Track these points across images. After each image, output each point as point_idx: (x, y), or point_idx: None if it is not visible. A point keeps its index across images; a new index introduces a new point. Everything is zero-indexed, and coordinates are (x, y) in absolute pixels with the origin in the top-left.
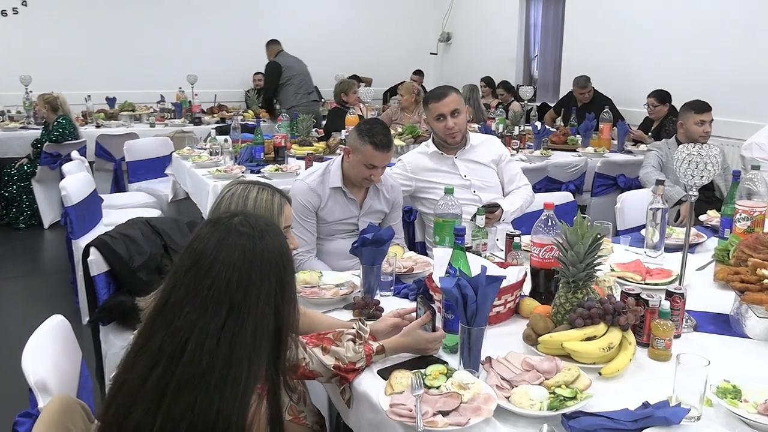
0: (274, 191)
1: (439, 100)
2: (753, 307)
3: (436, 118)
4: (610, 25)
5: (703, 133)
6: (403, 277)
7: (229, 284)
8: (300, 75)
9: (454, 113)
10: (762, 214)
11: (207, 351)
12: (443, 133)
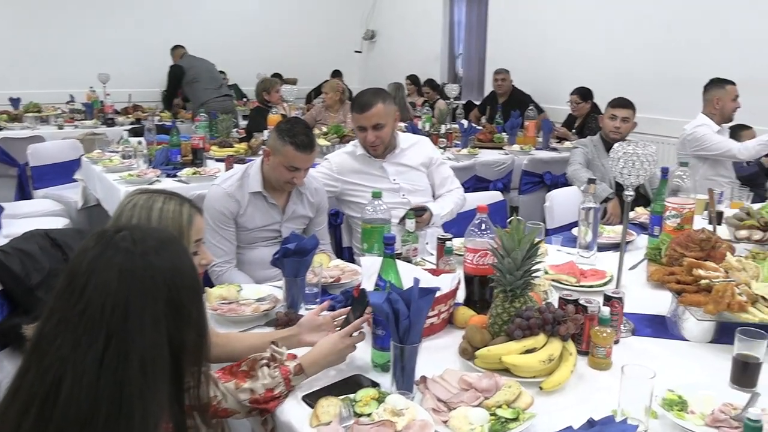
0: (183, 201)
1: (362, 112)
2: (690, 309)
3: (357, 127)
4: (532, 23)
5: (612, 128)
6: (330, 287)
7: (104, 310)
8: (206, 72)
9: (377, 127)
10: (691, 211)
11: (87, 391)
12: (362, 142)
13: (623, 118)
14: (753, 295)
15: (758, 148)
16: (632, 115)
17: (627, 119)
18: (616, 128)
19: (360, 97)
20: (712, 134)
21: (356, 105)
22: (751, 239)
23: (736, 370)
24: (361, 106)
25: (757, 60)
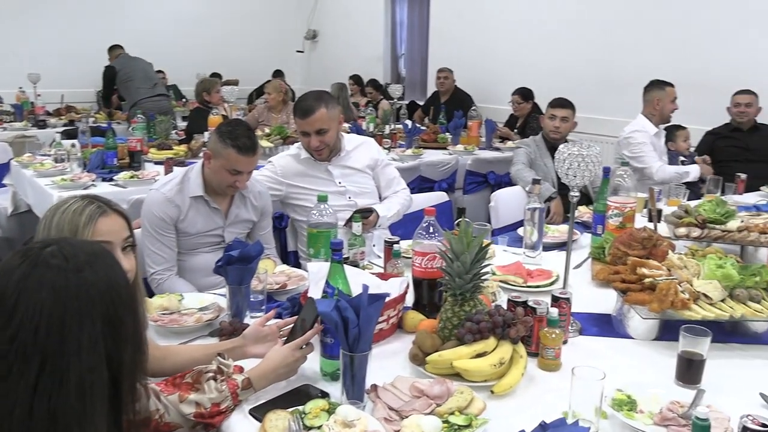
0: (92, 201)
1: (304, 117)
2: (636, 308)
3: (301, 133)
4: (474, 24)
5: (552, 128)
6: (276, 294)
7: (37, 334)
8: (141, 71)
9: (320, 132)
10: (633, 210)
11: (18, 424)
12: (305, 146)
13: (562, 117)
14: (695, 293)
15: (674, 177)
16: (571, 114)
17: (566, 119)
18: (556, 128)
19: (302, 102)
20: (643, 146)
21: (298, 110)
22: (690, 236)
23: (680, 367)
24: (304, 111)
25: (690, 61)
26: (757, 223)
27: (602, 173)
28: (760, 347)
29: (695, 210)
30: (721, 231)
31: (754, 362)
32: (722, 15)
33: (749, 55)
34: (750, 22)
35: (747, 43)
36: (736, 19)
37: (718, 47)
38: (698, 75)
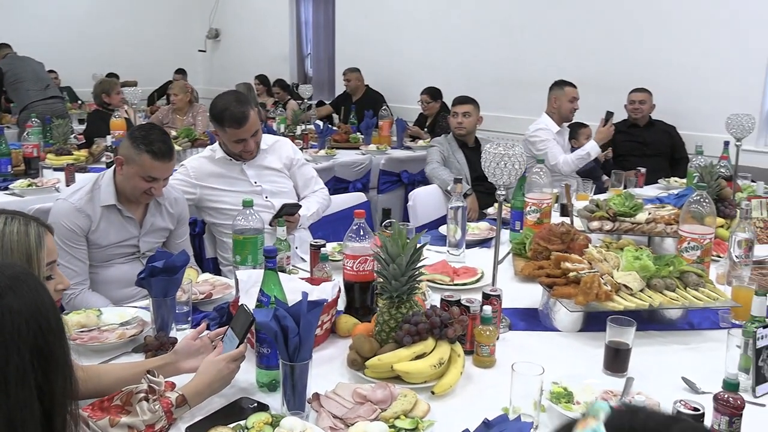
0: (29, 220)
1: (241, 126)
2: (562, 301)
3: (236, 141)
4: (380, 24)
5: (456, 124)
6: (201, 304)
7: None
8: (31, 72)
9: (255, 134)
10: (549, 206)
11: None
12: (239, 152)
13: (464, 113)
14: (616, 284)
15: (577, 162)
16: (473, 109)
17: (468, 113)
18: (459, 124)
19: (228, 111)
20: (546, 142)
21: (231, 120)
22: (603, 230)
23: (608, 356)
24: (239, 119)
25: (590, 61)
26: (663, 215)
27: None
28: (675, 333)
29: (606, 204)
30: (631, 223)
31: (672, 348)
32: (618, 17)
33: (644, 55)
34: (645, 23)
35: (642, 43)
36: (632, 21)
37: (616, 48)
38: (597, 74)
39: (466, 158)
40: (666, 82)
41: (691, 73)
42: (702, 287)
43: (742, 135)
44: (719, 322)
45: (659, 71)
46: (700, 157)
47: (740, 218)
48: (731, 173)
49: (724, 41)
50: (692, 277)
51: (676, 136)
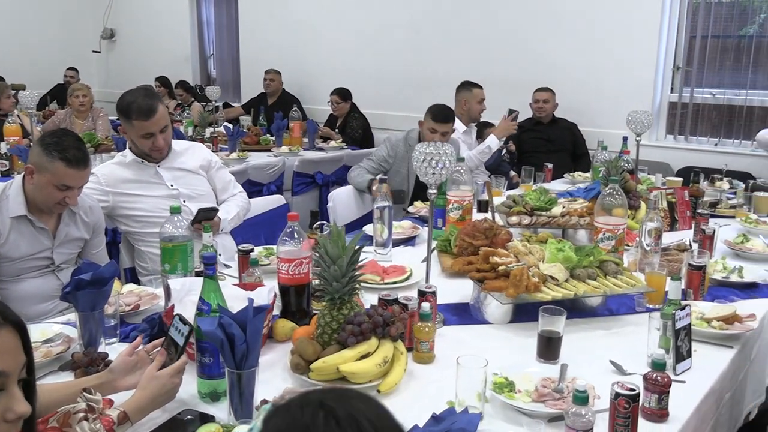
0: None
1: (149, 118)
2: (493, 295)
3: (144, 136)
4: (286, 24)
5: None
6: (128, 316)
7: None
8: None
9: (164, 129)
10: (470, 203)
11: None
12: (148, 150)
13: (442, 133)
14: (543, 276)
15: (479, 156)
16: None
17: (446, 134)
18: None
19: (135, 103)
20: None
21: (138, 112)
22: (521, 224)
23: (541, 345)
24: (147, 111)
25: (495, 62)
26: (576, 208)
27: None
28: (597, 319)
29: (522, 199)
30: (547, 217)
31: (596, 333)
32: (521, 19)
33: (546, 55)
34: (545, 25)
35: (543, 45)
36: (534, 23)
37: (519, 49)
38: (502, 74)
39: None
40: (567, 82)
41: (589, 73)
42: (620, 275)
43: (641, 131)
44: (635, 307)
45: (560, 71)
46: (604, 152)
47: (649, 209)
48: (633, 167)
49: (616, 41)
50: (611, 266)
51: (577, 132)
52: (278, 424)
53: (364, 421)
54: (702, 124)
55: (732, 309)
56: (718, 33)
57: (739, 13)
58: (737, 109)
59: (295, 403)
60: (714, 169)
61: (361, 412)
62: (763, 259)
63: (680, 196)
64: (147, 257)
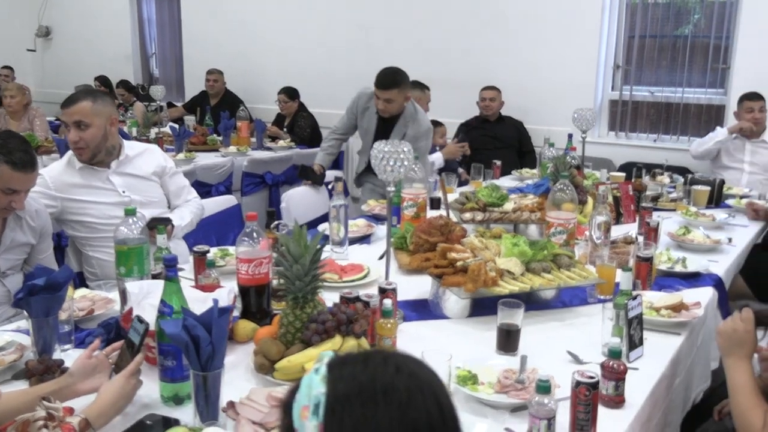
0: None
1: (66, 107)
2: (452, 290)
3: (66, 126)
4: (230, 22)
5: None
6: (82, 322)
7: None
8: None
9: (79, 125)
10: (424, 200)
11: None
12: (70, 143)
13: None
14: (500, 270)
15: (438, 163)
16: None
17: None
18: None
19: (71, 95)
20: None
21: (64, 101)
22: (475, 220)
23: (500, 337)
24: (67, 101)
25: (442, 61)
26: (527, 204)
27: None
28: (551, 311)
29: (474, 196)
30: (500, 213)
31: (551, 325)
32: (466, 19)
33: (491, 54)
34: (489, 25)
35: (489, 44)
36: (478, 23)
37: (465, 48)
38: (449, 73)
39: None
40: (512, 80)
41: (533, 72)
42: (573, 267)
43: (586, 127)
44: (587, 299)
45: (506, 70)
46: (551, 149)
47: (598, 203)
48: (579, 163)
49: (559, 41)
50: (564, 259)
51: (523, 130)
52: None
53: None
54: (641, 121)
55: (679, 298)
56: (655, 33)
57: (675, 13)
58: (674, 107)
59: (360, 355)
60: (654, 164)
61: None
62: (704, 250)
63: (624, 191)
64: (95, 262)
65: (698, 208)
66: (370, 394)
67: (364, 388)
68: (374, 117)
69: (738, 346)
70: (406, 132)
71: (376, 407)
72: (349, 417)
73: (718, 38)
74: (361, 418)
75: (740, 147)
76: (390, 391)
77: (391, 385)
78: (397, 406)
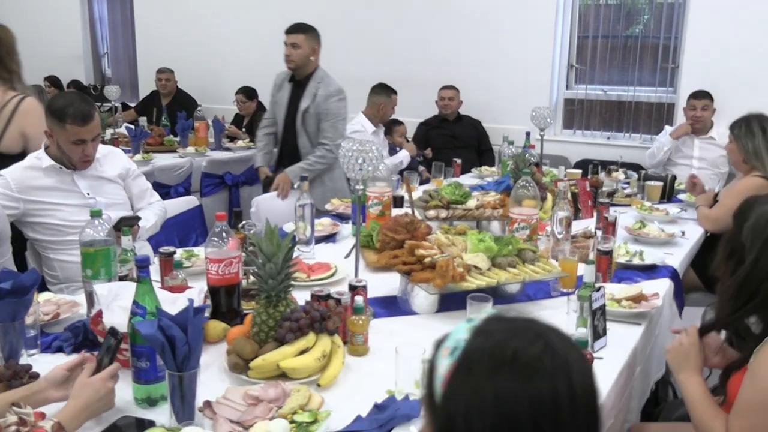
0: None
1: (86, 123)
2: (421, 286)
3: (75, 142)
4: (184, 21)
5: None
6: (48, 326)
7: None
8: None
9: (95, 138)
10: (389, 198)
11: None
12: (77, 157)
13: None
14: (467, 266)
15: (393, 168)
16: None
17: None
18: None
19: (72, 105)
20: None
21: (73, 115)
22: (439, 217)
23: None
24: (83, 117)
25: (402, 60)
26: (489, 201)
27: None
28: (516, 305)
29: (438, 194)
30: (463, 210)
31: None
32: (424, 19)
33: (449, 54)
34: (449, 25)
35: (447, 43)
36: (437, 23)
37: (423, 48)
38: (408, 73)
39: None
40: (470, 80)
41: (491, 72)
42: (537, 262)
43: (544, 126)
44: (551, 292)
45: (464, 70)
46: (511, 147)
47: (558, 199)
48: (538, 160)
49: (515, 41)
50: (529, 254)
51: (481, 129)
52: (491, 326)
53: (561, 359)
54: (595, 119)
55: (638, 289)
56: (606, 33)
57: (625, 14)
58: (626, 105)
59: (512, 319)
60: (608, 161)
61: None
62: (659, 243)
63: (582, 187)
64: (57, 265)
65: (652, 202)
66: (499, 357)
67: (496, 350)
68: (287, 87)
69: (685, 359)
70: (317, 93)
71: (498, 372)
72: (476, 370)
73: (667, 38)
74: (485, 376)
75: (689, 144)
76: (517, 361)
77: (521, 355)
78: (521, 376)
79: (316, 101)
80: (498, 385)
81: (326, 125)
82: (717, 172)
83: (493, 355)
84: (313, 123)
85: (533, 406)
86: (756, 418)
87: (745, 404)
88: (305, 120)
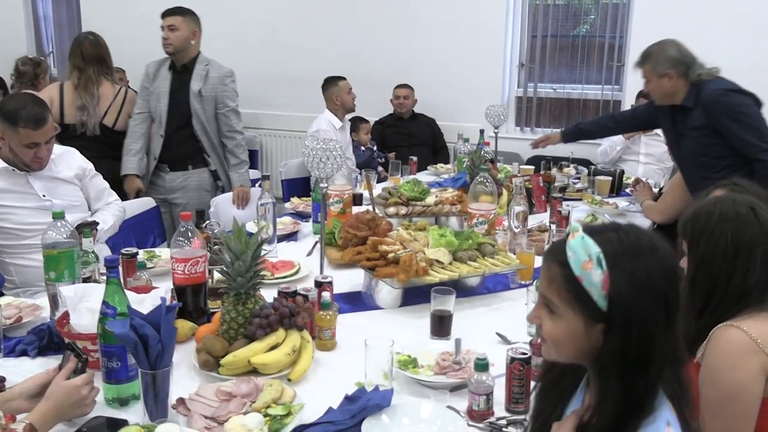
0: None
1: (38, 128)
2: (385, 281)
3: (28, 145)
4: (135, 22)
5: None
6: (10, 330)
7: None
8: None
9: (49, 140)
10: (350, 196)
11: None
12: (29, 160)
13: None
14: (429, 260)
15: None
16: None
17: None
18: None
19: (25, 108)
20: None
21: (26, 119)
22: (399, 214)
23: (434, 323)
24: (36, 120)
25: (357, 59)
26: (447, 197)
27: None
28: (477, 297)
29: (397, 191)
30: (422, 206)
31: (478, 310)
32: (378, 17)
33: (403, 53)
34: (403, 24)
35: (402, 42)
36: (391, 22)
37: (378, 46)
38: (363, 71)
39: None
40: (424, 79)
41: (444, 70)
42: (497, 255)
43: (498, 123)
44: (509, 284)
45: (418, 68)
46: (466, 144)
47: (515, 194)
48: (493, 157)
49: (467, 40)
50: (488, 248)
51: (436, 127)
52: (609, 236)
53: (660, 242)
54: (545, 116)
55: None
56: (555, 32)
57: (573, 14)
58: (575, 102)
59: (607, 225)
60: (559, 158)
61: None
62: None
63: (536, 183)
64: (14, 269)
65: (602, 196)
66: (639, 250)
67: (634, 246)
68: (167, 76)
69: None
70: (209, 75)
71: (645, 258)
72: (629, 265)
73: (612, 38)
74: (637, 267)
75: (636, 140)
76: (653, 248)
77: (651, 244)
78: (658, 257)
79: (210, 83)
80: (649, 268)
81: (228, 112)
82: (662, 167)
83: (633, 251)
84: (210, 108)
85: (666, 274)
86: (726, 412)
87: (713, 406)
88: (201, 103)
